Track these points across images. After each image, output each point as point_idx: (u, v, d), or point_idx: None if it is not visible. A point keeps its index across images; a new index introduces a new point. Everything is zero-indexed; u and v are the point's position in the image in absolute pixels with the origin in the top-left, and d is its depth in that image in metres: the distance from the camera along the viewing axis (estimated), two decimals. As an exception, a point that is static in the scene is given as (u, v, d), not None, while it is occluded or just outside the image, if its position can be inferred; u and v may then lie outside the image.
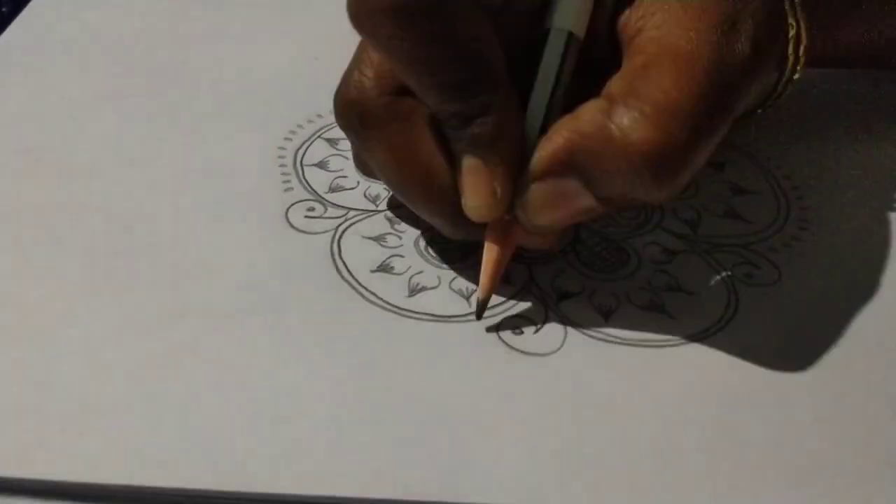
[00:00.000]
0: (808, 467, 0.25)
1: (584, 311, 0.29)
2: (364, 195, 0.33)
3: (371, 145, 0.28)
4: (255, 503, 0.23)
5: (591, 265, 0.31)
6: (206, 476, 0.23)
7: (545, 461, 0.24)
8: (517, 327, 0.28)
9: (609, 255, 0.31)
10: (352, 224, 0.31)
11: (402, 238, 0.31)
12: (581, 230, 0.32)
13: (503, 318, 0.28)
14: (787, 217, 0.33)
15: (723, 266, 0.31)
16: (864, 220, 0.33)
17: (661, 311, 0.29)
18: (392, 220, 0.32)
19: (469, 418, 0.25)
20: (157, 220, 0.31)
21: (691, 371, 0.27)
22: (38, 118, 0.35)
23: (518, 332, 0.28)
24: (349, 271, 0.30)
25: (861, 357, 0.28)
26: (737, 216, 0.33)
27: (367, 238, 0.31)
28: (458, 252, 0.30)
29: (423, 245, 0.31)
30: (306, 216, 0.32)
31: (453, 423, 0.25)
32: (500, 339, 0.28)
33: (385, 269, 0.30)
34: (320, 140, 0.35)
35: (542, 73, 0.26)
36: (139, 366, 0.26)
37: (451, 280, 0.30)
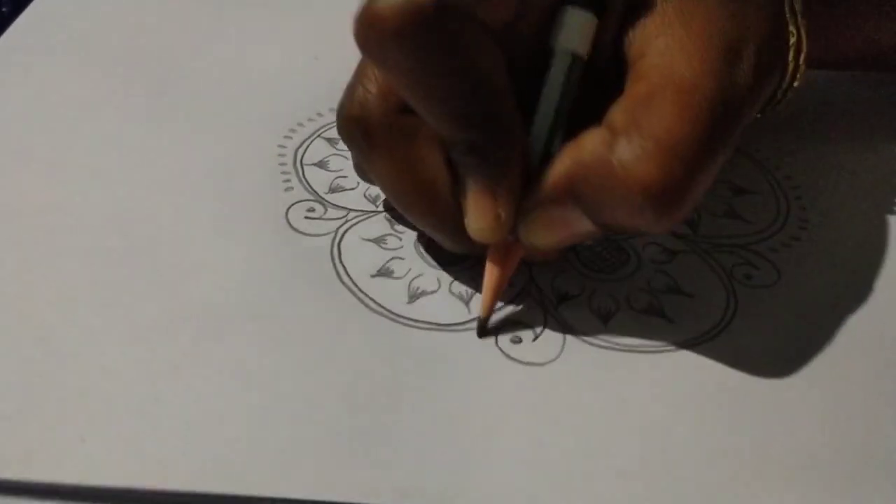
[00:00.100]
0: (807, 468, 0.25)
1: (583, 315, 0.29)
2: (364, 195, 0.33)
3: (374, 161, 0.27)
4: (254, 506, 0.24)
5: (591, 265, 0.31)
6: (205, 479, 0.23)
7: (544, 470, 0.24)
8: (516, 335, 0.28)
9: (609, 255, 0.31)
10: (352, 226, 0.31)
11: (401, 239, 0.31)
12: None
13: (502, 324, 0.28)
14: (787, 217, 0.33)
15: (722, 267, 0.31)
16: (864, 220, 0.33)
17: (661, 314, 0.29)
18: (391, 221, 0.32)
19: (468, 427, 0.25)
20: (157, 220, 0.31)
21: (690, 376, 0.27)
22: (38, 118, 0.35)
23: (517, 341, 0.28)
24: (349, 276, 0.30)
25: (860, 357, 0.28)
26: (737, 216, 0.33)
27: (367, 240, 0.31)
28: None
29: (422, 247, 0.31)
30: (307, 217, 0.32)
31: (452, 431, 0.25)
32: (499, 347, 0.28)
33: (385, 273, 0.30)
34: (320, 139, 0.35)
35: (546, 95, 0.26)
36: (139, 367, 0.26)
37: (451, 283, 0.30)
